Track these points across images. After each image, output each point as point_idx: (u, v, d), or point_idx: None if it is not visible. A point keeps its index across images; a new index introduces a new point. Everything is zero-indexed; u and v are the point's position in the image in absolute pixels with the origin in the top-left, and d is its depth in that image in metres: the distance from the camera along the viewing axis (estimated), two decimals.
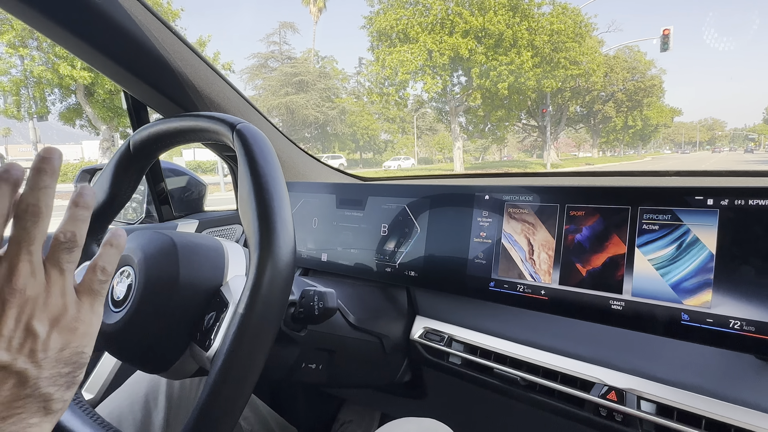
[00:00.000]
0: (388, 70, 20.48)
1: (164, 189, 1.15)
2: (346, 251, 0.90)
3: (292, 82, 32.17)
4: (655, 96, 35.43)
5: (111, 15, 0.75)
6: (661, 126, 43.34)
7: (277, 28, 39.37)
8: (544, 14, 20.41)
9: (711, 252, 0.54)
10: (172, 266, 0.52)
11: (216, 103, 0.97)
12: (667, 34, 17.48)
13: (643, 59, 33.64)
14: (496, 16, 18.75)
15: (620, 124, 36.58)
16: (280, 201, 0.46)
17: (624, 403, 0.57)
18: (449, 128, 24.72)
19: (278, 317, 0.45)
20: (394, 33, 19.93)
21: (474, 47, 19.11)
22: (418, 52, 19.38)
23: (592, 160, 35.36)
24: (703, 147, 77.49)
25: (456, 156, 23.96)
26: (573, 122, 37.03)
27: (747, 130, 77.19)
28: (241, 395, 0.44)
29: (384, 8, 20.55)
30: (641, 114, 36.20)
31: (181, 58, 0.88)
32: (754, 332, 0.50)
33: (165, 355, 0.53)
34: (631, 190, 0.60)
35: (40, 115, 14.42)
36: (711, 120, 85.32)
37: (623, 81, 32.78)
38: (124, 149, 0.64)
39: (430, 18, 19.46)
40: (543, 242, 0.66)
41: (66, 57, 12.16)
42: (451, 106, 22.96)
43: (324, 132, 33.99)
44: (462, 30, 18.94)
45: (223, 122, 0.52)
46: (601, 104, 34.79)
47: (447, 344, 0.77)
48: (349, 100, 34.13)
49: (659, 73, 34.79)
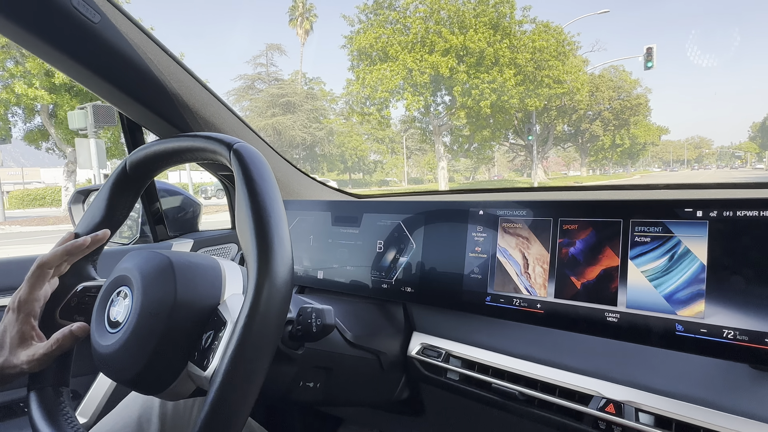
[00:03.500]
0: (368, 89, 20.11)
1: (159, 209, 1.15)
2: (342, 268, 0.90)
3: (279, 103, 31.93)
4: (642, 114, 35.53)
5: (106, 36, 0.76)
6: (649, 144, 43.16)
7: (264, 50, 39.47)
8: (526, 32, 20.17)
9: (702, 263, 0.55)
10: (169, 286, 0.52)
11: (211, 124, 0.98)
12: (651, 50, 17.56)
13: (628, 78, 33.74)
14: (477, 34, 18.50)
15: (608, 142, 36.50)
16: (277, 220, 0.47)
17: (622, 416, 0.57)
18: (433, 148, 24.27)
19: (276, 336, 0.45)
20: (374, 52, 19.67)
21: (455, 65, 18.80)
22: (397, 70, 19.08)
23: (581, 179, 35.33)
24: (691, 165, 78.21)
25: (440, 176, 23.32)
26: (561, 141, 36.87)
27: (733, 148, 78.20)
28: (240, 415, 0.43)
29: (364, 27, 20.23)
30: (629, 132, 36.26)
31: (176, 80, 0.89)
32: (748, 341, 0.51)
33: (162, 376, 0.53)
34: (623, 203, 0.61)
35: (1, 138, 13.25)
36: (698, 138, 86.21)
37: (609, 100, 32.81)
38: (120, 170, 0.64)
39: (410, 37, 19.20)
40: (537, 256, 0.67)
41: (24, 75, 11.25)
42: (434, 125, 22.50)
43: (312, 153, 33.58)
44: (442, 48, 18.69)
45: (220, 142, 0.53)
46: (588, 123, 34.65)
47: (444, 360, 0.77)
48: (337, 121, 33.73)
49: (645, 92, 34.98)
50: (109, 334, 0.53)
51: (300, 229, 0.99)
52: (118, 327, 0.53)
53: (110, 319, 0.54)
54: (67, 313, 0.62)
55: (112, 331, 0.53)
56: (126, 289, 0.54)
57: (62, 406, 0.58)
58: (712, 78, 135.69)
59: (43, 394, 0.58)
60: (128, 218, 0.70)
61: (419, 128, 24.52)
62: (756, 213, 0.52)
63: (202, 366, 0.50)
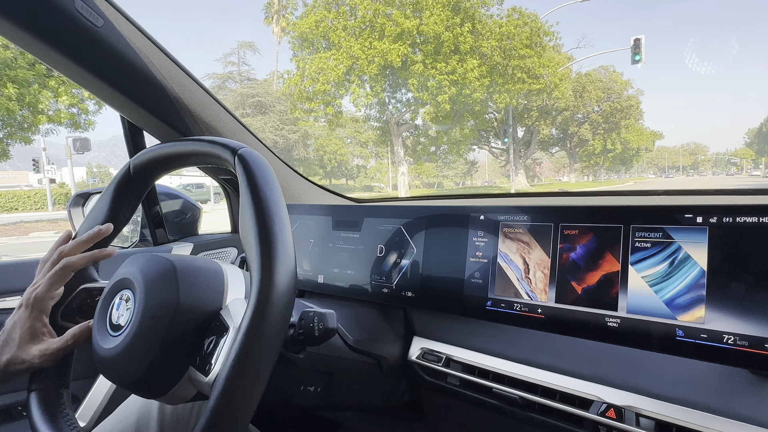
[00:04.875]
0: (309, 81, 17.13)
1: (159, 212, 1.15)
2: (343, 272, 0.90)
3: (249, 104, 29.36)
4: (633, 118, 33.50)
5: (109, 40, 0.76)
6: (642, 150, 40.48)
7: (236, 48, 37.42)
8: (493, 16, 17.39)
9: (702, 268, 0.55)
10: (172, 290, 0.52)
11: (212, 128, 0.98)
12: (639, 42, 14.99)
13: (619, 79, 31.66)
14: (433, 16, 15.71)
15: (598, 147, 34.04)
16: (281, 227, 0.47)
17: (623, 421, 0.58)
18: (392, 150, 21.11)
19: (279, 343, 0.45)
20: (317, 38, 17.07)
21: (408, 54, 16.06)
22: (341, 59, 16.20)
23: (567, 186, 33.36)
24: (687, 171, 77.88)
25: (400, 182, 20.43)
26: (548, 145, 34.92)
27: (729, 155, 77.80)
28: (241, 421, 0.43)
29: (307, 11, 17.42)
30: (620, 137, 33.96)
31: (178, 83, 0.89)
32: (748, 347, 0.51)
33: (163, 379, 0.52)
34: (623, 209, 0.61)
35: None
36: (693, 144, 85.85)
37: (597, 101, 30.67)
38: (124, 172, 0.64)
39: (357, 21, 16.38)
40: (538, 261, 0.67)
41: None
42: (392, 124, 19.59)
43: (289, 157, 30.19)
44: (393, 33, 15.84)
45: (224, 147, 0.53)
46: (576, 126, 32.63)
47: (445, 365, 0.77)
48: (313, 124, 29.47)
49: (637, 93, 32.77)
50: (111, 337, 0.53)
51: (301, 233, 0.99)
52: (120, 330, 0.52)
53: (112, 322, 0.54)
54: (68, 315, 0.62)
55: (114, 334, 0.53)
56: (128, 293, 0.54)
57: (62, 407, 0.58)
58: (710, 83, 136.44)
59: (43, 396, 0.58)
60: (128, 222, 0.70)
61: (377, 128, 21.59)
62: (756, 219, 0.53)
63: (203, 371, 0.49)
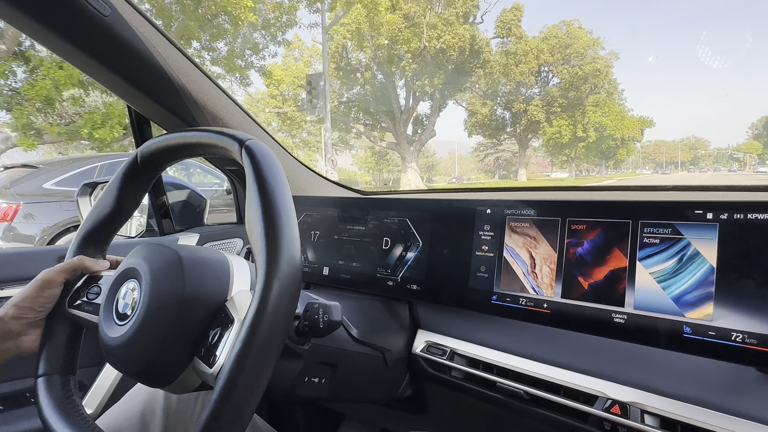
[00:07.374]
0: None
1: (165, 202, 1.16)
2: (348, 265, 0.90)
3: None
4: (605, 92, 24.51)
5: (116, 30, 0.76)
6: (628, 140, 30.91)
7: None
8: None
9: (712, 265, 0.54)
10: (177, 280, 0.52)
11: (219, 118, 0.98)
12: None
13: (584, 36, 23.46)
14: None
15: (567, 135, 24.74)
16: (287, 219, 0.47)
17: (628, 417, 0.57)
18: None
19: (283, 336, 0.45)
20: None
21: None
22: None
23: (524, 184, 23.86)
24: (686, 167, 75.02)
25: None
26: (495, 131, 25.76)
27: (732, 149, 75.41)
28: (246, 412, 0.44)
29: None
30: (583, 117, 24.88)
31: (185, 73, 0.89)
32: (756, 345, 0.51)
33: (168, 369, 0.53)
34: (632, 204, 0.61)
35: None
36: (694, 139, 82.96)
37: (551, 65, 22.24)
38: (131, 161, 0.65)
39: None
40: (545, 256, 0.67)
41: None
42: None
43: None
44: None
45: (232, 138, 0.53)
46: (522, 103, 23.78)
47: (449, 358, 0.77)
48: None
49: (610, 56, 23.94)
50: (117, 326, 0.53)
51: (307, 225, 0.99)
52: (126, 319, 0.53)
53: (118, 311, 0.55)
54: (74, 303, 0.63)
55: (120, 323, 0.53)
56: (135, 282, 0.55)
57: (69, 394, 0.59)
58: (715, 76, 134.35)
59: (50, 382, 0.59)
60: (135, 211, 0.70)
61: None
62: (767, 216, 0.52)
63: (208, 362, 0.50)
